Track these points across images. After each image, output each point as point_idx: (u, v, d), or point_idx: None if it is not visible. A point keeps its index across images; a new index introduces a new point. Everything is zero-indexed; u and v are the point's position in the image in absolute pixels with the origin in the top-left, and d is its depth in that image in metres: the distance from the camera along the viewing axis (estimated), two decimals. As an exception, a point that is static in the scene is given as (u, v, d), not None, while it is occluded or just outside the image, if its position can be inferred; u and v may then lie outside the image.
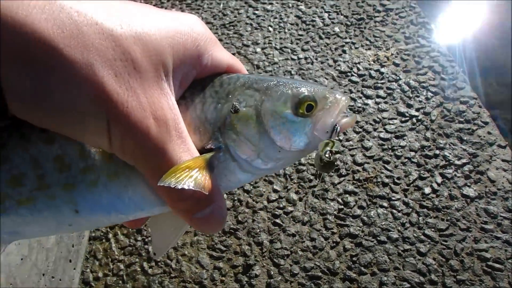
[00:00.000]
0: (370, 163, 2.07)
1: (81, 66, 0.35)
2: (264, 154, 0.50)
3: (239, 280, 1.79)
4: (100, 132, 0.38)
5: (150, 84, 0.39)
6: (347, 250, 1.84)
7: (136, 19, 0.40)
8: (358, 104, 2.26)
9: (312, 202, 1.96)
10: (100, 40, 0.36)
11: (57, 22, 0.34)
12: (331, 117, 0.52)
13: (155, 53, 0.39)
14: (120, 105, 0.37)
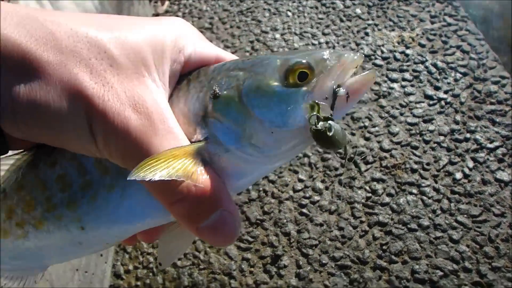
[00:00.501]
0: (397, 149, 2.01)
1: (55, 67, 0.37)
2: (255, 139, 0.43)
3: (268, 270, 1.78)
4: (84, 133, 0.38)
5: (130, 80, 0.39)
6: (376, 238, 1.81)
7: (114, 23, 0.42)
8: (383, 88, 2.19)
9: (339, 190, 1.93)
10: (74, 42, 0.38)
11: (30, 31, 0.37)
12: (331, 79, 0.44)
13: (133, 52, 0.40)
14: (96, 99, 0.37)
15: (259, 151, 0.43)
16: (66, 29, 0.38)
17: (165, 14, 2.80)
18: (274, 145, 0.44)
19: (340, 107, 0.44)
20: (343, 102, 0.44)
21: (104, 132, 0.38)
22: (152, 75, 0.41)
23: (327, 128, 0.41)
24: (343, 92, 0.44)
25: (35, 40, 0.37)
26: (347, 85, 0.44)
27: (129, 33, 0.41)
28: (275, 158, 0.46)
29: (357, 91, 0.44)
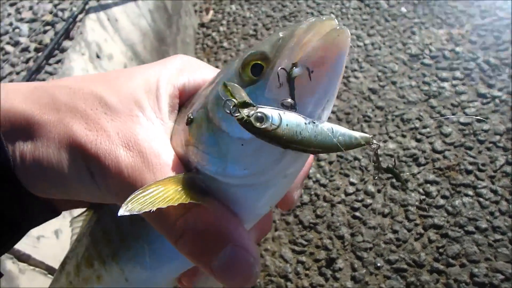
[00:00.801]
0: (451, 150, 1.98)
1: (53, 124, 0.41)
2: (232, 157, 0.38)
3: (323, 273, 1.82)
4: (86, 179, 0.40)
5: (124, 122, 0.41)
6: (432, 241, 1.79)
7: (111, 77, 0.45)
8: (433, 88, 2.16)
9: (392, 193, 1.93)
10: (71, 99, 0.42)
11: (35, 99, 0.42)
12: (284, 61, 0.37)
13: (127, 97, 0.42)
14: (89, 144, 0.39)
15: (243, 170, 0.38)
16: (65, 90, 0.43)
17: (210, 23, 2.88)
18: (252, 159, 0.38)
19: (305, 91, 0.37)
20: (306, 82, 0.36)
21: (100, 174, 0.39)
22: (147, 114, 0.42)
23: (255, 117, 0.34)
24: (298, 71, 0.36)
25: (39, 106, 0.42)
26: (303, 59, 0.36)
27: (124, 82, 0.44)
28: (269, 174, 0.39)
29: (320, 60, 0.36)
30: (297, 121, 0.35)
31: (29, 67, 1.69)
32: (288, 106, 0.36)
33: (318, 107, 0.37)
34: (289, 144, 0.35)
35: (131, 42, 2.00)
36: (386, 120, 2.11)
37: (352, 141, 0.38)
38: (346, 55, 0.37)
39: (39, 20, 1.86)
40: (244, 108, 0.35)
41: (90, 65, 1.76)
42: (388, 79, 2.23)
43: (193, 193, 0.38)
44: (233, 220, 0.40)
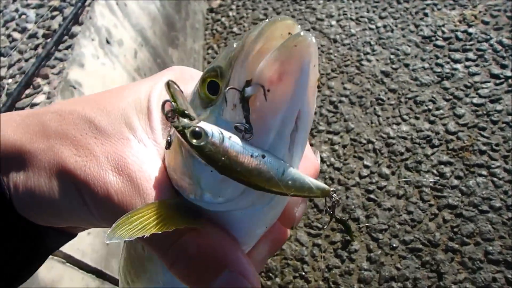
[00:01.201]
0: (464, 131, 1.98)
1: (44, 153, 0.40)
2: (203, 183, 0.36)
3: (339, 255, 1.84)
4: (79, 206, 0.39)
5: (114, 146, 0.40)
6: (447, 221, 1.81)
7: (101, 98, 0.44)
8: (446, 70, 2.15)
9: (406, 175, 1.93)
10: (61, 125, 0.41)
11: (25, 127, 0.42)
12: (237, 78, 0.34)
13: (117, 119, 0.41)
14: (78, 171, 0.39)
15: (218, 198, 0.36)
16: (54, 116, 0.42)
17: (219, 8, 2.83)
18: (223, 186, 0.35)
19: (262, 113, 0.33)
20: (262, 103, 0.32)
21: (91, 201, 0.38)
22: (138, 136, 0.41)
23: (191, 132, 0.32)
24: (251, 91, 0.32)
25: (29, 135, 0.41)
26: (257, 76, 0.32)
27: (114, 102, 0.43)
28: (248, 199, 0.36)
29: (276, 77, 0.32)
30: (241, 150, 0.32)
31: (38, 54, 1.66)
32: (242, 130, 0.33)
33: (283, 129, 0.34)
34: (226, 172, 0.32)
35: (140, 27, 1.97)
36: (399, 103, 2.10)
37: (303, 188, 0.35)
38: (310, 65, 0.32)
39: (46, 5, 1.82)
40: (183, 117, 0.33)
41: (101, 51, 1.73)
42: (401, 61, 2.21)
43: (184, 218, 0.36)
44: (229, 243, 0.37)
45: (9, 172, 0.41)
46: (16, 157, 0.41)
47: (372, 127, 2.07)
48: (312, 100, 0.34)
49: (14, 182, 0.41)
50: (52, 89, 1.54)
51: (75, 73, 1.58)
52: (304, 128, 0.35)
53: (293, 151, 0.35)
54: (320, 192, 0.35)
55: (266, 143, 0.34)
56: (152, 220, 0.34)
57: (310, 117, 0.35)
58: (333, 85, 2.22)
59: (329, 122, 2.13)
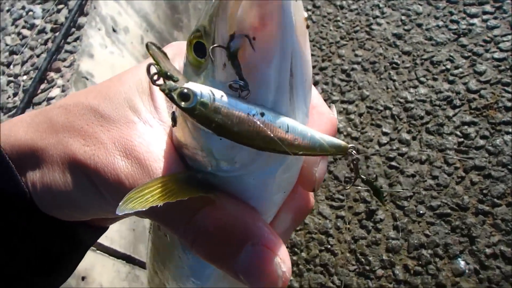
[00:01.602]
0: (486, 88, 1.89)
1: (54, 147, 0.41)
2: (215, 151, 0.34)
3: (364, 226, 1.79)
4: (95, 197, 0.40)
5: (120, 130, 0.40)
6: (475, 183, 1.74)
7: (103, 86, 0.44)
8: (463, 26, 2.05)
9: (428, 139, 1.86)
10: (67, 118, 0.42)
11: (34, 125, 0.43)
12: (221, 33, 0.32)
13: (120, 103, 0.41)
14: (88, 160, 0.39)
15: (233, 164, 0.35)
16: (60, 111, 0.43)
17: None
18: (236, 151, 0.34)
19: (253, 64, 0.31)
20: (250, 54, 0.30)
21: (104, 189, 0.39)
22: (143, 117, 0.41)
23: (178, 94, 0.31)
24: (236, 43, 0.30)
25: (39, 132, 0.42)
26: (239, 27, 0.30)
27: (116, 88, 0.42)
28: (263, 160, 0.34)
29: (257, 21, 0.30)
30: (235, 108, 0.30)
31: (48, 48, 1.68)
32: (237, 88, 0.31)
33: (281, 79, 0.31)
34: (223, 134, 0.31)
35: (144, 13, 1.96)
36: (415, 65, 2.03)
37: (314, 146, 0.32)
38: (290, 1, 0.30)
39: (51, 0, 1.84)
40: (168, 79, 0.31)
41: (108, 40, 1.74)
42: (413, 22, 2.12)
43: (198, 187, 0.35)
44: (248, 213, 0.36)
45: (25, 171, 0.42)
46: (30, 156, 0.42)
47: (388, 92, 2.01)
48: (302, 41, 0.32)
49: (31, 181, 0.41)
50: (65, 82, 1.56)
51: (86, 64, 1.59)
52: (301, 73, 0.33)
53: (294, 101, 0.33)
54: (335, 149, 0.33)
55: (268, 98, 0.32)
56: (164, 191, 0.34)
57: (304, 61, 0.33)
58: (343, 53, 2.16)
59: (343, 91, 2.07)
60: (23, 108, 1.51)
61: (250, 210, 0.36)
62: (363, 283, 1.69)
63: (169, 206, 0.33)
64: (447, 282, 1.60)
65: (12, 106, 1.59)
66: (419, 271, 1.65)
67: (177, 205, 0.34)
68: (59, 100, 0.47)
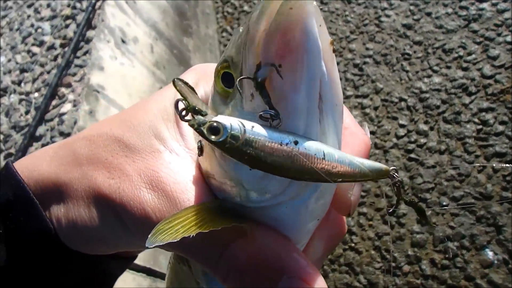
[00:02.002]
0: (501, 72, 1.86)
1: (78, 181, 0.40)
2: (245, 182, 0.33)
3: (387, 221, 1.77)
4: (122, 231, 0.39)
5: (145, 161, 0.39)
6: (497, 170, 1.71)
7: (126, 114, 0.43)
8: (472, 12, 2.01)
9: (445, 128, 1.84)
10: (91, 150, 0.41)
11: (58, 158, 0.42)
12: (248, 64, 0.31)
13: (145, 132, 0.40)
14: (113, 194, 0.38)
15: (264, 195, 0.34)
16: (84, 142, 0.42)
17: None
18: (267, 181, 0.33)
19: (282, 92, 0.30)
20: (278, 82, 0.30)
21: (131, 223, 0.38)
22: (169, 146, 0.40)
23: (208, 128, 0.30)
24: (263, 73, 0.30)
25: (63, 166, 0.42)
26: (264, 56, 0.30)
27: (141, 116, 0.42)
28: (295, 189, 0.34)
29: (282, 48, 0.29)
30: (267, 138, 0.30)
31: (58, 64, 1.68)
32: (267, 118, 0.30)
33: (311, 105, 0.30)
34: (256, 166, 0.30)
35: (152, 22, 1.96)
36: (427, 55, 2.00)
37: (353, 172, 0.31)
38: (313, 25, 0.29)
39: (59, 15, 1.84)
40: (197, 114, 0.31)
41: (118, 52, 1.74)
42: (422, 11, 2.10)
43: (230, 217, 0.34)
44: (282, 244, 0.34)
45: (50, 206, 0.41)
46: (54, 190, 0.41)
47: (402, 84, 1.98)
48: (330, 65, 0.31)
49: (56, 216, 0.41)
50: (77, 96, 1.56)
51: (96, 77, 1.59)
52: (331, 98, 0.32)
53: (325, 125, 0.32)
54: (376, 174, 0.32)
55: (299, 125, 0.31)
56: (195, 221, 0.33)
57: (334, 85, 0.32)
58: (354, 47, 2.14)
59: (356, 85, 2.05)
60: (35, 126, 1.51)
61: (284, 240, 0.35)
62: (389, 280, 1.67)
63: (199, 239, 0.32)
64: (476, 275, 1.58)
65: (24, 124, 1.60)
66: (447, 264, 1.63)
67: (208, 238, 0.33)
68: (82, 131, 0.46)
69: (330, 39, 0.31)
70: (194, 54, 2.06)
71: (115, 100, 1.59)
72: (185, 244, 0.33)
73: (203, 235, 0.32)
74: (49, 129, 1.50)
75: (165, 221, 0.33)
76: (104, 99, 1.56)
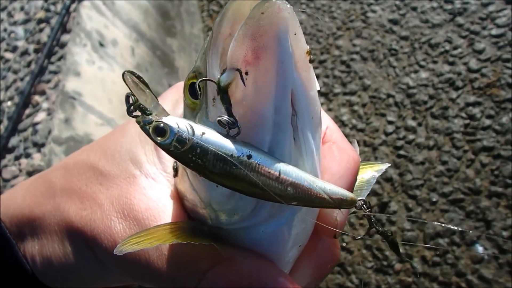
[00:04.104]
0: (487, 66, 1.85)
1: (51, 214, 0.39)
2: (213, 202, 0.32)
3: (378, 219, 1.76)
4: (96, 267, 0.37)
5: (119, 188, 0.38)
6: (485, 165, 1.71)
7: (105, 140, 0.42)
8: (457, 5, 2.00)
9: (433, 124, 1.83)
10: (66, 179, 0.40)
11: (32, 190, 0.41)
12: (213, 69, 0.30)
13: (122, 157, 0.39)
14: (85, 226, 0.37)
15: (233, 216, 0.32)
16: (60, 172, 0.41)
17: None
18: (234, 200, 0.31)
19: (244, 100, 0.28)
20: (242, 89, 0.28)
21: (103, 256, 0.36)
22: (145, 170, 0.38)
23: (153, 128, 0.28)
24: (226, 78, 0.28)
25: (36, 198, 0.40)
26: (230, 61, 0.28)
27: (118, 140, 0.40)
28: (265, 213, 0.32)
29: (250, 55, 0.27)
30: (217, 147, 0.27)
31: (31, 71, 1.61)
32: (225, 125, 0.28)
33: (279, 118, 0.28)
34: (202, 174, 0.28)
35: (133, 23, 1.89)
36: (414, 50, 1.98)
37: (310, 196, 0.28)
38: (287, 32, 0.27)
39: (32, 19, 1.75)
40: (142, 111, 0.29)
41: (95, 55, 1.67)
42: (407, 6, 2.07)
43: (205, 237, 0.32)
44: (267, 268, 0.32)
45: (25, 243, 0.40)
46: (28, 225, 0.40)
47: (389, 80, 1.96)
48: (305, 76, 0.29)
49: (31, 254, 0.40)
50: (51, 104, 1.49)
51: (72, 83, 1.52)
52: (306, 112, 0.30)
53: (300, 142, 0.30)
54: (338, 202, 0.29)
55: (264, 138, 0.29)
56: (170, 235, 0.31)
57: (309, 98, 0.30)
58: (341, 44, 2.10)
59: (344, 82, 2.02)
60: (7, 137, 1.43)
61: (267, 264, 0.33)
62: (381, 279, 1.67)
63: (174, 268, 0.31)
64: (467, 270, 1.58)
65: (-5, 136, 1.52)
66: (438, 261, 1.63)
67: (183, 267, 0.32)
68: (61, 160, 0.45)
69: (307, 49, 0.29)
70: (178, 55, 2.00)
71: (93, 107, 1.53)
72: (159, 275, 0.32)
73: (177, 264, 0.31)
74: (22, 139, 1.44)
75: (137, 235, 0.32)
76: (81, 106, 1.50)
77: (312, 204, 0.29)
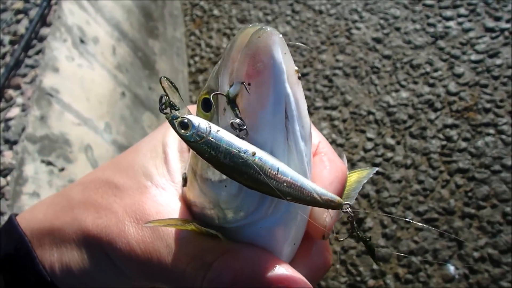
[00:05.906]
0: (465, 90, 1.90)
1: (70, 225, 0.42)
2: (222, 202, 0.37)
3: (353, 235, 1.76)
4: (112, 271, 0.40)
5: (132, 197, 0.42)
6: (459, 186, 1.74)
7: (119, 158, 0.47)
8: (439, 29, 2.05)
9: (412, 143, 1.85)
10: (83, 194, 0.44)
11: (52, 206, 0.46)
12: (223, 86, 0.36)
13: (134, 171, 0.43)
14: (101, 233, 0.40)
15: (239, 213, 0.37)
16: (78, 188, 0.46)
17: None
18: (241, 199, 0.36)
19: (249, 104, 0.34)
20: (247, 97, 0.34)
21: (118, 259, 0.39)
22: (155, 181, 0.43)
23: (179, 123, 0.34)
24: (233, 89, 0.34)
25: (55, 212, 0.44)
26: (235, 77, 0.34)
27: (131, 158, 0.45)
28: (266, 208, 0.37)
29: (251, 69, 0.33)
30: (228, 143, 0.33)
31: (6, 63, 1.53)
32: (236, 128, 0.34)
33: (275, 121, 0.34)
34: (214, 165, 0.34)
35: (115, 21, 1.84)
36: (396, 69, 2.01)
37: (303, 194, 0.33)
38: (279, 50, 0.34)
39: (9, 9, 1.68)
40: (173, 108, 0.34)
41: (75, 52, 1.61)
42: (391, 25, 2.11)
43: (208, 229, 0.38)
44: (267, 256, 0.36)
45: (43, 251, 0.43)
46: (48, 237, 0.43)
47: (370, 97, 1.98)
48: (295, 88, 0.35)
49: (49, 262, 0.42)
50: (26, 100, 1.41)
51: (49, 79, 1.46)
52: (297, 116, 0.35)
53: (292, 141, 0.36)
54: (327, 203, 0.34)
55: (264, 137, 0.35)
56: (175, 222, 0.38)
57: (300, 105, 0.36)
58: (324, 58, 2.12)
59: (325, 97, 2.03)
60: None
61: (267, 253, 0.36)
62: (355, 294, 1.66)
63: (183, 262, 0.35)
64: (439, 289, 1.59)
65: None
66: (410, 279, 1.64)
67: (191, 260, 0.36)
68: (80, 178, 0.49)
69: (296, 68, 0.35)
70: (160, 57, 1.96)
71: (70, 105, 1.47)
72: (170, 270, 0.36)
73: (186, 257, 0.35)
74: (-7, 136, 1.36)
75: (158, 221, 0.38)
76: (58, 103, 1.44)
77: (304, 202, 0.34)
